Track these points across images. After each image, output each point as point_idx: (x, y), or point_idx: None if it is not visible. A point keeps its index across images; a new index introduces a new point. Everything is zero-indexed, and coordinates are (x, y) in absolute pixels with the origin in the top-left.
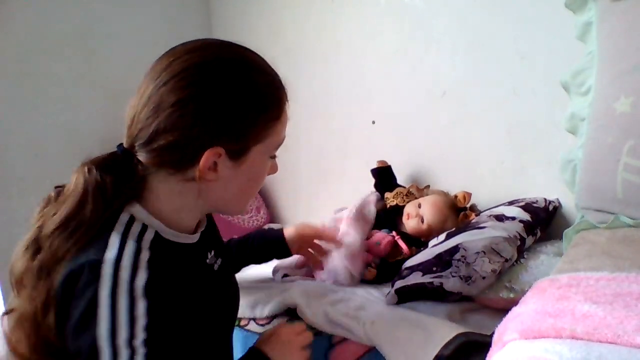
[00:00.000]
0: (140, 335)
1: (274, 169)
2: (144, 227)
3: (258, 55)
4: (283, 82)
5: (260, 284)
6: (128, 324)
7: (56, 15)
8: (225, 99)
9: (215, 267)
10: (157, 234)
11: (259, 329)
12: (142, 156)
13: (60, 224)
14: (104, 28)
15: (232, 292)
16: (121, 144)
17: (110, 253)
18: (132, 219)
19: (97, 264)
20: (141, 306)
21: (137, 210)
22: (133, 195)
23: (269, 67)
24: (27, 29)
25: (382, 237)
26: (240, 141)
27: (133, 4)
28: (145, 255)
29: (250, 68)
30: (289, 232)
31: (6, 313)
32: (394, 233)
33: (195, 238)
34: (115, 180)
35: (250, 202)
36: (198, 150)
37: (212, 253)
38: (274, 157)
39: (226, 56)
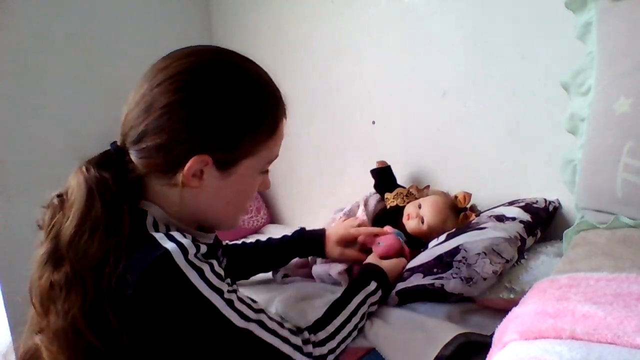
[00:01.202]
0: (231, 285)
1: (265, 185)
2: (168, 228)
3: (260, 68)
4: (283, 98)
5: (260, 285)
6: (220, 280)
7: (56, 15)
8: (218, 108)
9: (222, 265)
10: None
11: None
12: (132, 155)
13: (77, 228)
14: (104, 28)
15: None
16: (115, 141)
17: (169, 244)
18: (155, 222)
19: (166, 255)
20: (215, 265)
21: (156, 211)
22: (137, 192)
23: (270, 81)
24: (27, 29)
25: (390, 242)
26: (230, 152)
27: (133, 4)
28: (189, 237)
29: (248, 79)
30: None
31: (38, 333)
32: (400, 242)
33: (211, 238)
34: (114, 177)
35: (241, 217)
36: (184, 156)
37: (220, 252)
38: (265, 172)
39: (224, 64)
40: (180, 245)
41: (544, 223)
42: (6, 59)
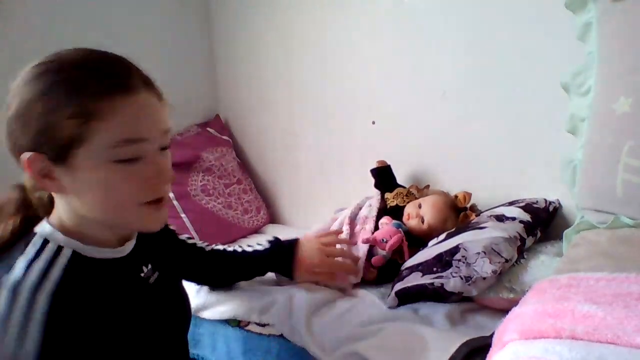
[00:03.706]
0: None
1: (145, 173)
2: (59, 249)
3: (80, 51)
4: (114, 73)
5: (262, 287)
6: (16, 346)
7: (56, 15)
8: (26, 104)
9: (151, 280)
10: (74, 253)
11: (259, 329)
12: None
13: None
14: (104, 28)
15: (172, 305)
16: None
17: (13, 275)
18: (45, 241)
19: None
20: (34, 334)
21: (48, 231)
22: (45, 212)
23: (87, 60)
24: (27, 29)
25: (390, 233)
26: (52, 145)
27: (133, 4)
28: (52, 279)
29: (53, 68)
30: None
31: None
32: (402, 233)
33: (123, 251)
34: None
35: (148, 217)
36: (19, 160)
37: (149, 267)
38: (125, 161)
39: (35, 64)
40: (22, 277)
41: (544, 223)
42: (6, 59)
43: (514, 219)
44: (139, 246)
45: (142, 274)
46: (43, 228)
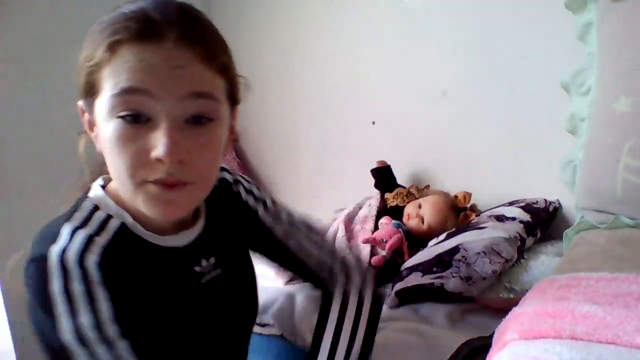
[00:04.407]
0: (109, 328)
1: (146, 140)
2: (108, 218)
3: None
4: (144, 18)
5: (261, 287)
6: (91, 316)
7: (56, 15)
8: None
9: (206, 278)
10: (123, 225)
11: (259, 329)
12: None
13: None
14: None
15: (230, 309)
16: None
17: (58, 245)
18: (95, 208)
19: (42, 259)
20: (99, 292)
21: (99, 195)
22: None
23: (135, 3)
24: (27, 29)
25: (390, 233)
26: (83, 92)
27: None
28: (100, 241)
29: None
30: None
31: None
32: (401, 233)
33: (178, 241)
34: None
35: (142, 196)
36: None
37: (211, 261)
38: (129, 118)
39: None
40: (66, 245)
41: (544, 223)
42: (6, 59)
43: (514, 219)
44: (208, 231)
45: (198, 268)
46: (95, 192)
